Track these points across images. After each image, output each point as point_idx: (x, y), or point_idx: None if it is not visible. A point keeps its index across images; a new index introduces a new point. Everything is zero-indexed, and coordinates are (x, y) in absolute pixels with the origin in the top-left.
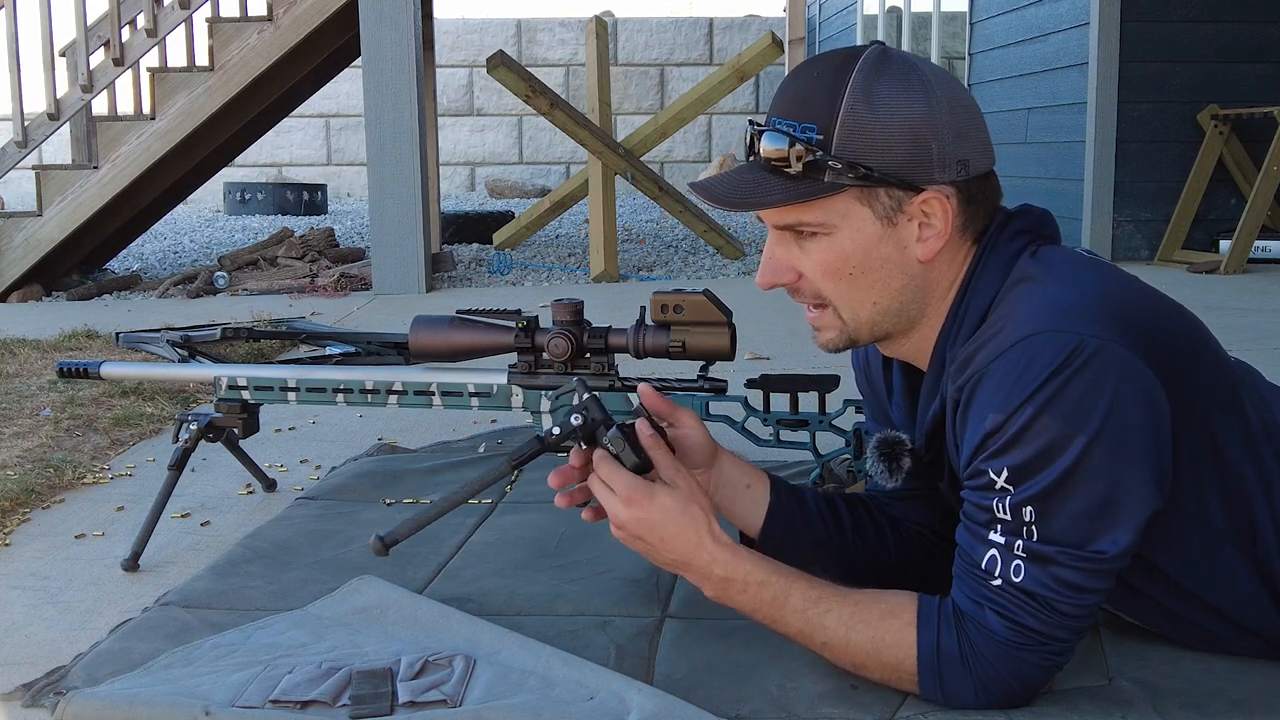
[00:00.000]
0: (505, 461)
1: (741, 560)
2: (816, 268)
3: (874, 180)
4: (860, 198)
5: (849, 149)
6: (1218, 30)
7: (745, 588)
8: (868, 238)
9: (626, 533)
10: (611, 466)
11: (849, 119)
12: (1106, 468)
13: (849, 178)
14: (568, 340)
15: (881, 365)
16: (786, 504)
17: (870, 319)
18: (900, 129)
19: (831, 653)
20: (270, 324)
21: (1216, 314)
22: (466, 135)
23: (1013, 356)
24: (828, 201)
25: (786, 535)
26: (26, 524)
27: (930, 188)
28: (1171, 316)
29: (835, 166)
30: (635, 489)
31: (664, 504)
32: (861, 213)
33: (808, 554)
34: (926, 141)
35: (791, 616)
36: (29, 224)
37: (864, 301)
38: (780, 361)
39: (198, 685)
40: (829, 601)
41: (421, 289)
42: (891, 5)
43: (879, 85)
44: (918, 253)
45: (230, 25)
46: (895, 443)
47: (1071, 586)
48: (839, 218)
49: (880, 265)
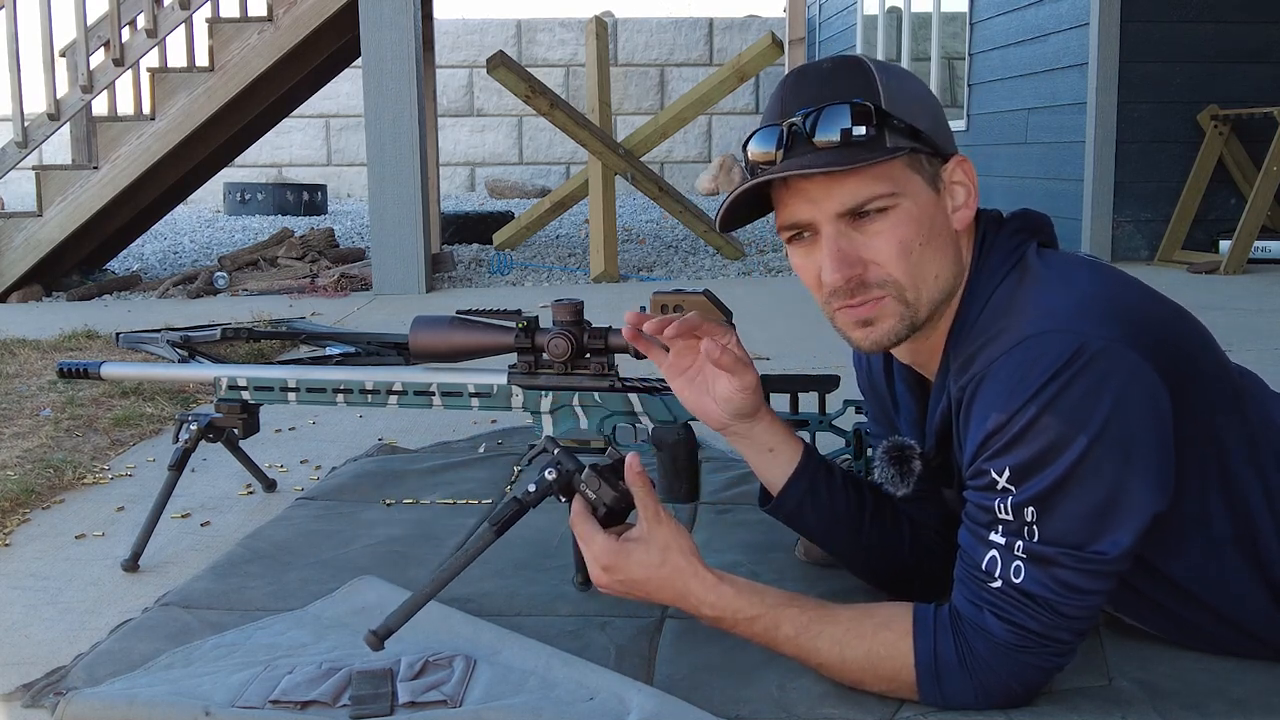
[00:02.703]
0: (488, 527)
1: (727, 599)
2: (889, 246)
3: (922, 143)
4: (911, 164)
5: (898, 111)
6: (1218, 30)
7: (735, 623)
8: (927, 203)
9: (611, 591)
10: (587, 529)
11: (888, 89)
12: (1108, 469)
13: (905, 141)
14: (568, 340)
15: (884, 374)
16: (813, 473)
17: (931, 296)
18: (922, 100)
19: (829, 673)
20: (270, 324)
21: (1216, 314)
22: (466, 135)
23: (1016, 356)
24: (890, 169)
25: (806, 501)
26: (26, 524)
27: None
28: (1174, 319)
29: (899, 125)
30: (610, 553)
31: (641, 561)
32: (916, 180)
33: (823, 524)
34: (939, 113)
35: (785, 645)
36: (29, 224)
37: (929, 275)
38: (780, 361)
39: (198, 685)
40: (820, 624)
41: (421, 289)
42: (891, 5)
43: (887, 67)
44: (955, 222)
45: (230, 26)
46: (904, 448)
47: (1072, 588)
48: (902, 186)
49: (940, 234)
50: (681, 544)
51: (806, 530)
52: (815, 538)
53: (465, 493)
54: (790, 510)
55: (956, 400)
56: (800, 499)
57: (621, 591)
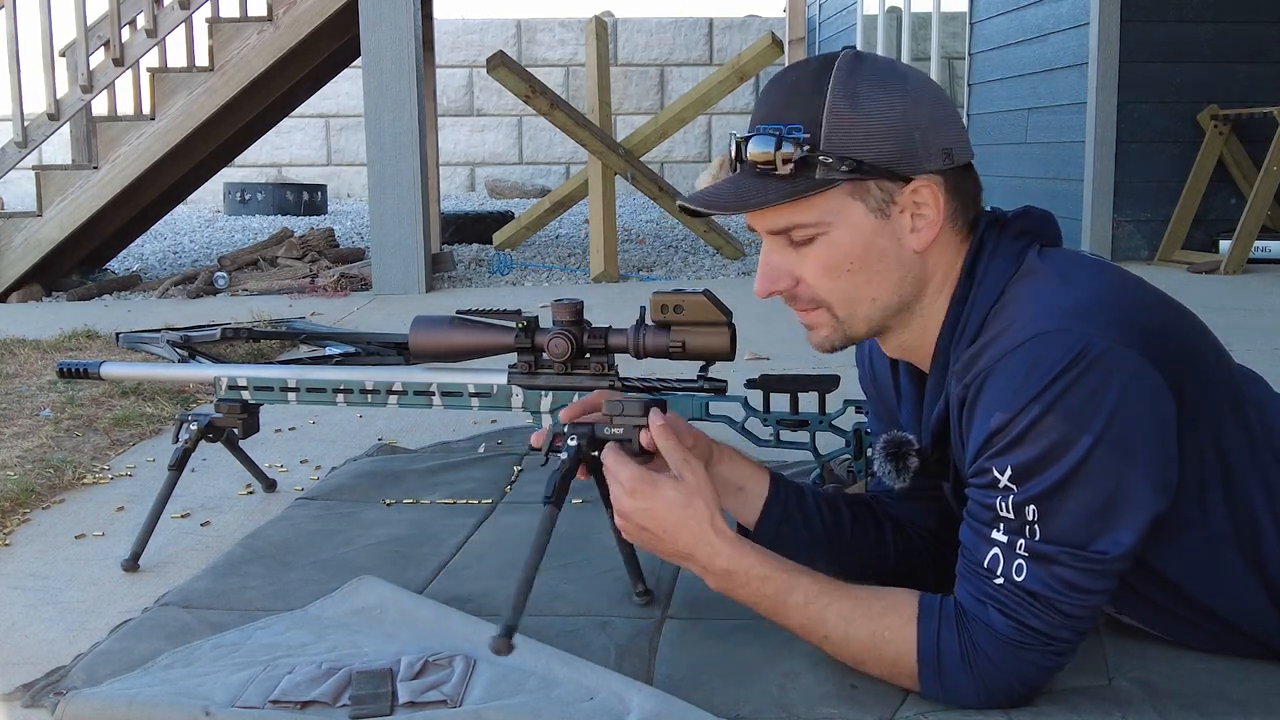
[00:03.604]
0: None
1: (744, 554)
2: (815, 269)
3: (863, 173)
4: (852, 193)
5: (836, 144)
6: (1218, 30)
7: (748, 581)
8: (864, 232)
9: (631, 523)
10: (618, 456)
11: (833, 115)
12: (1110, 468)
13: (839, 172)
14: (568, 340)
15: (889, 367)
16: (784, 500)
17: (868, 315)
18: (884, 121)
19: (832, 646)
20: (270, 324)
21: (1216, 314)
22: (466, 135)
23: (1020, 356)
24: (821, 200)
25: (782, 528)
26: (26, 524)
27: (918, 177)
28: (1177, 318)
29: (825, 162)
30: (640, 480)
31: (668, 496)
32: (855, 208)
33: (803, 550)
34: (910, 132)
35: (793, 611)
36: (29, 224)
37: (862, 298)
38: (780, 361)
39: (198, 685)
40: (830, 596)
41: (421, 289)
42: (891, 5)
43: (858, 82)
44: (912, 243)
45: (230, 25)
46: (902, 443)
47: (1073, 587)
48: (833, 215)
49: (878, 259)
50: (708, 495)
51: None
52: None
53: (465, 493)
54: (767, 542)
55: (959, 399)
56: (776, 528)
57: (640, 524)
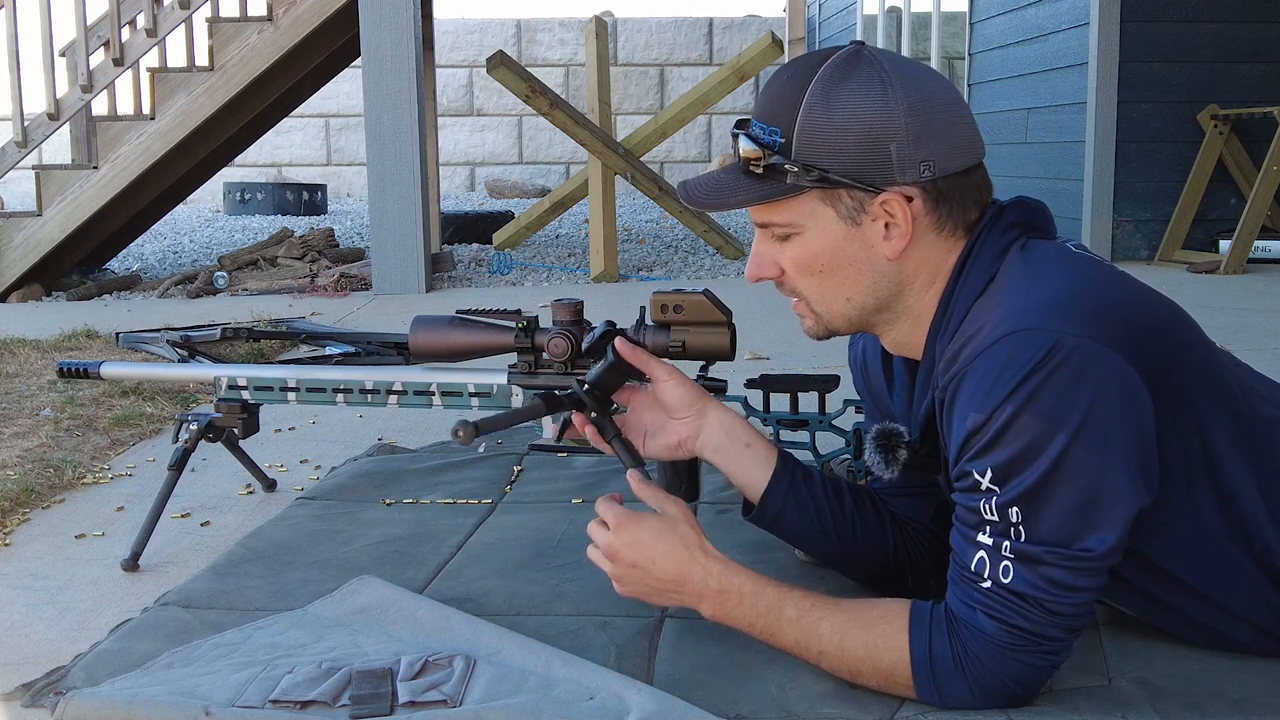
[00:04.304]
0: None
1: (736, 573)
2: (791, 265)
3: (831, 182)
4: (823, 199)
5: (806, 152)
6: (1218, 30)
7: (741, 600)
8: (833, 237)
9: (620, 562)
10: (605, 502)
11: (806, 123)
12: (1089, 465)
13: (807, 180)
14: (568, 340)
15: (881, 357)
16: (792, 474)
17: (844, 313)
18: (856, 132)
19: (828, 662)
20: (270, 324)
21: (1216, 314)
22: (466, 135)
23: (992, 355)
24: (793, 202)
25: (788, 504)
26: (26, 524)
27: (890, 189)
28: (1154, 312)
29: (793, 170)
30: (624, 515)
31: (652, 525)
32: (825, 213)
33: (809, 526)
34: (884, 143)
35: (787, 627)
36: (29, 224)
37: (836, 297)
38: (780, 361)
39: (198, 685)
40: (823, 610)
41: (421, 289)
42: (891, 5)
43: (838, 89)
44: (885, 251)
45: (230, 25)
46: (892, 434)
47: (1061, 585)
48: (805, 218)
49: (849, 263)
50: (690, 520)
51: (791, 533)
52: (801, 541)
53: (465, 492)
54: (775, 512)
55: (939, 399)
56: (784, 499)
57: (629, 561)
